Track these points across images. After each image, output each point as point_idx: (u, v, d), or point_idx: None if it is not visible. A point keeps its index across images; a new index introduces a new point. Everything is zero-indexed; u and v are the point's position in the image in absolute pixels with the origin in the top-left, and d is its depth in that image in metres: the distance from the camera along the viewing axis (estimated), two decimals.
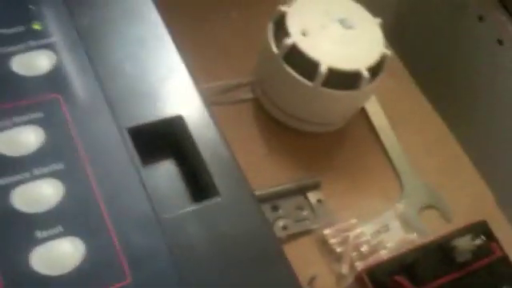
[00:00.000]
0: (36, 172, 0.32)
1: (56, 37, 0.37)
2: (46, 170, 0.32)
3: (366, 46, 0.55)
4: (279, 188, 0.55)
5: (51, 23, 0.38)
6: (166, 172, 0.36)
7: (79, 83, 0.35)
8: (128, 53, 0.37)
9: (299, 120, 0.59)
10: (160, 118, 0.36)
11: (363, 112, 0.63)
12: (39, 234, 0.30)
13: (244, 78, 0.62)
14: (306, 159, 0.59)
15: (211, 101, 0.40)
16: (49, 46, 0.36)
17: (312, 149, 0.60)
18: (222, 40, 0.63)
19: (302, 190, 0.56)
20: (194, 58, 0.39)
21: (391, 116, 0.63)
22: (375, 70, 0.55)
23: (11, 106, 0.34)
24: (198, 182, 0.35)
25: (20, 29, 0.37)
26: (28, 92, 0.34)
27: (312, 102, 0.55)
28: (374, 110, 0.63)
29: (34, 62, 0.36)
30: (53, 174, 0.32)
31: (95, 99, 0.35)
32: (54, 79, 0.35)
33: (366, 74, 0.53)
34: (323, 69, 0.52)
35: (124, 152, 0.34)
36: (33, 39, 0.37)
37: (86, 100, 0.35)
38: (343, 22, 0.55)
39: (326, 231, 0.54)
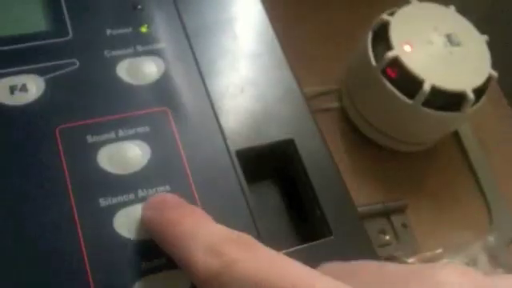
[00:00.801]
0: (141, 194, 0.29)
1: (165, 42, 0.34)
2: (151, 192, 0.29)
3: (473, 66, 0.51)
4: (362, 208, 0.52)
5: (160, 26, 0.35)
6: (272, 198, 0.33)
7: (188, 97, 0.33)
8: (240, 67, 0.34)
9: (388, 137, 0.55)
10: (271, 140, 0.33)
11: (454, 132, 0.59)
12: (143, 266, 0.27)
13: (331, 85, 0.59)
14: (391, 179, 0.56)
15: None
16: (157, 53, 0.34)
17: (398, 168, 0.56)
18: (311, 43, 0.60)
19: (386, 213, 0.53)
20: None
21: (483, 140, 0.59)
22: (479, 92, 0.51)
23: (117, 117, 0.31)
24: (306, 214, 0.32)
25: (127, 31, 0.34)
26: (134, 103, 0.32)
27: (407, 121, 0.52)
28: (466, 132, 0.59)
29: (142, 70, 0.33)
30: None
31: (205, 117, 0.32)
32: (162, 90, 0.33)
33: (471, 95, 0.49)
34: (427, 87, 0.48)
35: (232, 175, 0.31)
36: (140, 43, 0.34)
37: (196, 116, 0.32)
38: (450, 38, 0.51)
39: (410, 260, 0.51)
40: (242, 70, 0.34)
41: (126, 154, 0.30)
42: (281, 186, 0.34)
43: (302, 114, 0.34)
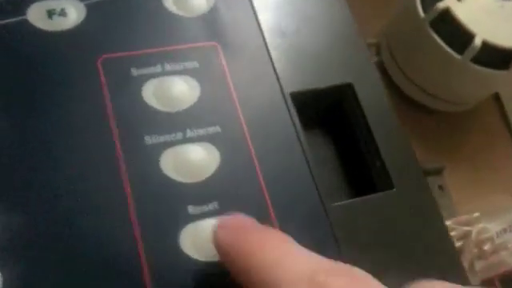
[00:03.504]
0: (189, 133, 0.27)
1: None
2: (201, 132, 0.27)
3: None
4: None
5: None
6: (327, 147, 0.31)
7: (240, 32, 0.30)
8: (296, 3, 0.31)
9: (428, 94, 0.52)
10: (328, 84, 0.30)
11: (495, 94, 0.56)
12: (190, 211, 0.25)
13: (369, 38, 0.56)
14: (429, 139, 0.53)
15: None
16: None
17: (436, 128, 0.54)
18: None
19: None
20: None
21: None
22: None
23: (163, 49, 0.28)
24: (364, 165, 0.30)
25: None
26: (182, 35, 0.29)
27: (453, 78, 0.49)
28: (508, 93, 0.56)
29: (191, 0, 0.30)
30: (207, 138, 0.27)
31: (258, 55, 0.29)
32: (212, 23, 0.30)
33: None
34: (477, 42, 0.45)
35: (286, 119, 0.28)
36: None
37: (247, 53, 0.29)
38: None
39: (447, 222, 0.48)
40: (298, 6, 0.32)
41: (174, 90, 0.28)
42: (337, 135, 0.31)
43: (362, 57, 0.31)
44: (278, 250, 0.22)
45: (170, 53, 0.28)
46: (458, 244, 0.48)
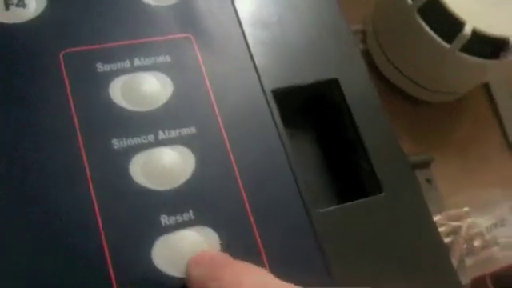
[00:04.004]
0: (162, 136, 0.25)
1: None
2: (174, 133, 0.25)
3: None
4: None
5: None
6: (310, 147, 0.29)
7: (216, 23, 0.27)
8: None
9: (415, 84, 0.50)
10: (312, 80, 0.28)
11: (484, 83, 0.55)
12: (163, 222, 0.23)
13: (354, 25, 0.53)
14: (416, 130, 0.51)
15: None
16: None
17: (424, 119, 0.52)
18: None
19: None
20: None
21: None
22: None
23: (132, 42, 0.26)
24: (350, 166, 0.28)
25: None
26: (153, 27, 0.27)
27: (441, 67, 0.47)
28: (497, 83, 0.55)
29: None
30: (181, 141, 0.25)
31: (236, 48, 0.27)
32: (186, 13, 0.27)
33: None
34: (467, 30, 0.43)
35: (267, 118, 0.26)
36: None
37: (225, 46, 0.27)
38: None
39: (435, 218, 0.47)
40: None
41: (144, 87, 0.25)
42: (322, 134, 0.29)
43: (348, 49, 0.29)
44: (254, 285, 0.20)
45: (139, 46, 0.26)
46: (447, 240, 0.47)
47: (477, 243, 0.46)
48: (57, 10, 0.26)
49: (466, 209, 0.48)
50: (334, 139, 0.28)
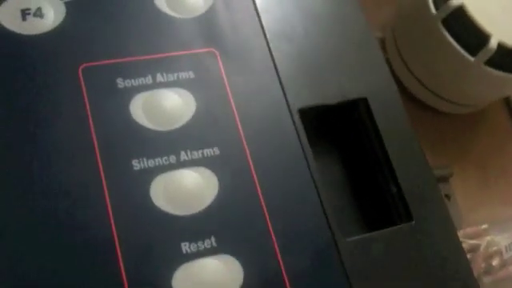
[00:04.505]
0: (184, 157, 0.23)
1: None
2: (196, 154, 0.23)
3: None
4: None
5: None
6: (337, 169, 0.27)
7: (241, 37, 0.26)
8: (306, 5, 0.28)
9: (436, 95, 0.49)
10: (340, 99, 0.26)
11: None
12: (185, 248, 0.22)
13: (374, 32, 0.52)
14: (435, 142, 0.50)
15: None
16: None
17: (443, 131, 0.50)
18: None
19: None
20: None
21: None
22: None
23: (154, 57, 0.25)
24: (378, 191, 0.27)
25: None
26: (175, 41, 0.25)
27: (463, 80, 0.45)
28: None
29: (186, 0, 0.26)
30: (204, 162, 0.23)
31: (262, 63, 0.26)
32: (210, 26, 0.26)
33: None
34: (493, 44, 0.42)
35: (293, 140, 0.25)
36: None
37: (250, 61, 0.26)
38: None
39: None
40: (306, 6, 0.28)
41: (166, 105, 0.24)
42: (349, 156, 0.28)
43: (377, 66, 0.28)
44: None
45: (161, 61, 0.25)
46: None
47: (495, 262, 0.45)
48: (76, 22, 0.25)
49: (484, 226, 0.47)
50: (362, 161, 0.27)
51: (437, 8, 0.44)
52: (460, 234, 0.45)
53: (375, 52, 0.28)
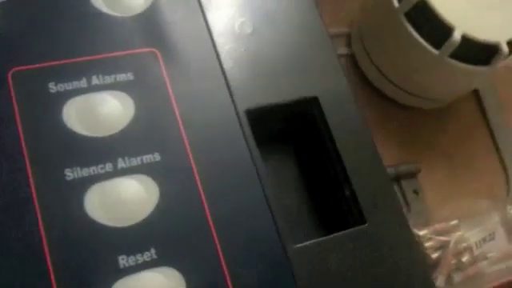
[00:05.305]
0: (121, 164, 0.22)
1: None
2: (134, 162, 0.22)
3: (508, 14, 0.44)
4: None
5: None
6: (288, 172, 0.26)
7: (184, 36, 0.25)
8: (253, 5, 0.26)
9: (402, 90, 0.48)
10: (289, 98, 0.25)
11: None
12: (122, 262, 0.20)
13: (339, 27, 0.51)
14: (403, 138, 0.49)
15: None
16: None
17: (410, 127, 0.50)
18: None
19: (397, 177, 0.47)
20: None
21: (505, 99, 0.53)
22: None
23: (90, 59, 0.23)
24: (330, 193, 0.25)
25: None
26: (113, 41, 0.24)
27: (429, 73, 0.45)
28: (487, 89, 0.53)
29: None
30: (144, 169, 0.22)
31: (207, 63, 0.25)
32: (151, 25, 0.25)
33: (505, 48, 0.42)
34: (456, 36, 0.41)
35: (240, 143, 0.24)
36: None
37: (193, 62, 0.25)
38: None
39: (422, 232, 0.45)
40: (255, 3, 0.27)
41: (102, 110, 0.23)
42: (300, 158, 0.26)
43: (330, 64, 0.26)
44: None
45: (98, 63, 0.23)
46: (434, 255, 0.45)
47: (465, 258, 0.44)
48: (6, 24, 0.23)
49: (454, 222, 0.46)
50: (315, 163, 0.26)
51: (399, 1, 0.43)
52: (429, 230, 0.44)
53: (328, 50, 0.27)
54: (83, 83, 0.23)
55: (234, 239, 0.22)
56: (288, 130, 0.26)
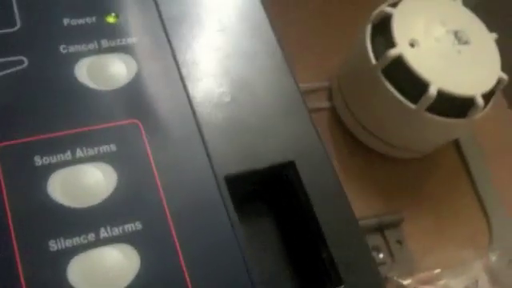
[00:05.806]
0: (104, 234, 0.23)
1: (136, 36, 0.28)
2: (116, 231, 0.23)
3: (482, 68, 0.46)
4: None
5: (131, 16, 0.28)
6: (267, 235, 0.27)
7: (165, 107, 0.26)
8: (230, 69, 0.28)
9: (383, 142, 0.49)
10: (267, 163, 0.26)
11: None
12: None
13: (321, 82, 0.53)
14: (384, 188, 0.50)
15: None
16: (127, 49, 0.27)
17: (393, 177, 0.51)
18: (301, 33, 0.53)
19: (380, 227, 0.47)
20: None
21: (485, 147, 0.54)
22: (487, 97, 0.45)
23: (74, 132, 0.24)
24: (308, 255, 0.26)
25: (89, 21, 0.27)
26: (97, 114, 0.25)
27: (407, 127, 0.46)
28: (467, 139, 0.54)
29: (107, 71, 0.26)
30: (125, 238, 0.23)
31: (187, 132, 0.26)
32: (133, 98, 0.26)
33: (480, 101, 0.44)
34: (432, 91, 0.42)
35: (220, 210, 0.25)
36: (106, 37, 0.27)
37: (174, 132, 0.26)
38: (458, 35, 0.45)
39: (406, 281, 0.46)
40: (234, 72, 0.28)
41: (85, 181, 0.24)
42: (278, 220, 0.27)
43: (306, 129, 0.28)
44: None
45: (82, 135, 0.25)
46: None
47: None
48: None
49: (437, 271, 0.47)
50: (293, 226, 0.27)
51: (377, 58, 0.44)
52: (414, 279, 0.45)
53: (303, 116, 0.28)
54: (67, 156, 0.24)
55: None
56: (266, 193, 0.27)
